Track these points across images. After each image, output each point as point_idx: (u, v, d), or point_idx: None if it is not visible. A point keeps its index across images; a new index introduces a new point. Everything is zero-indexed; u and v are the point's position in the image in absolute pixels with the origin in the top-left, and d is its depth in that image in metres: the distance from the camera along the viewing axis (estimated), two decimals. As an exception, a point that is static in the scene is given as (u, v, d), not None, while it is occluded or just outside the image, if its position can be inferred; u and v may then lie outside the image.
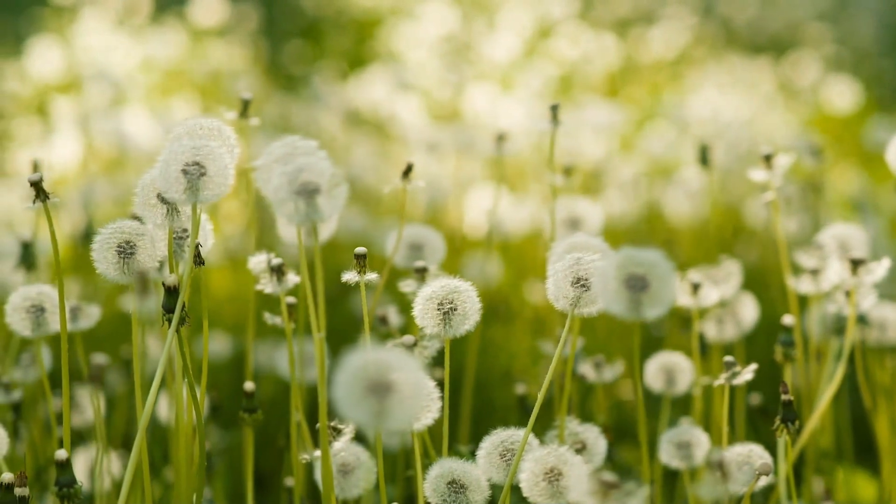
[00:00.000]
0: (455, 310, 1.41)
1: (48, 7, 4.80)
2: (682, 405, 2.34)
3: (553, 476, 1.34)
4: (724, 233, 2.80)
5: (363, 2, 5.29)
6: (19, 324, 1.56)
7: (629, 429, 2.24)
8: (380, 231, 2.74)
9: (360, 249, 1.41)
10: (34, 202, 1.34)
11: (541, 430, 1.53)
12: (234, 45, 4.36)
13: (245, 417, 1.53)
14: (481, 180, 2.88)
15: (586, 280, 1.37)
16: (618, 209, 2.80)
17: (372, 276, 1.42)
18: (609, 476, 1.17)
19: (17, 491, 1.38)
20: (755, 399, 1.89)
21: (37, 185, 1.33)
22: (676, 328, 2.49)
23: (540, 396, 1.39)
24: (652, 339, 2.58)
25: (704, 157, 2.00)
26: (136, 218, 1.51)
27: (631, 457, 2.14)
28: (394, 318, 1.73)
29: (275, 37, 5.07)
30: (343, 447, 1.38)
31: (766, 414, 1.88)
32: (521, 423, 1.57)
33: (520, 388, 1.86)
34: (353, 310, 2.53)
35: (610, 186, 2.83)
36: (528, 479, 1.35)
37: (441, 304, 1.41)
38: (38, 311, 1.56)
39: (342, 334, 2.36)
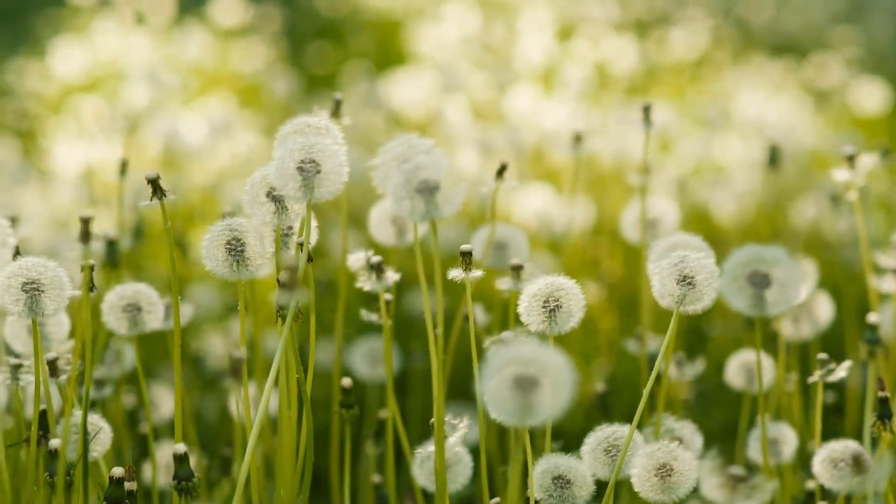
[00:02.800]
0: (560, 307, 1.42)
1: (65, 7, 4.80)
2: (728, 404, 2.36)
3: (664, 472, 1.36)
4: (767, 233, 2.81)
5: (377, 3, 5.29)
6: (115, 323, 1.57)
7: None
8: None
9: (466, 246, 1.42)
10: (151, 199, 1.35)
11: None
12: (257, 46, 4.36)
13: (343, 413, 1.54)
14: (528, 180, 2.89)
15: (692, 278, 1.38)
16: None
17: (477, 273, 1.43)
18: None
19: (127, 485, 1.39)
20: (829, 397, 1.91)
21: (154, 183, 1.34)
22: (728, 326, 2.51)
23: (644, 394, 1.40)
24: (702, 337, 2.60)
25: (774, 158, 2.01)
26: (226, 216, 1.52)
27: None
28: (480, 316, 1.74)
29: (293, 38, 5.07)
30: (456, 442, 1.39)
31: (839, 412, 1.90)
32: (579, 421, 1.58)
33: (599, 387, 1.87)
34: (406, 308, 2.53)
35: (656, 186, 2.84)
36: (640, 474, 1.36)
37: (546, 301, 1.42)
38: (134, 309, 1.57)
39: (403, 332, 2.38)
